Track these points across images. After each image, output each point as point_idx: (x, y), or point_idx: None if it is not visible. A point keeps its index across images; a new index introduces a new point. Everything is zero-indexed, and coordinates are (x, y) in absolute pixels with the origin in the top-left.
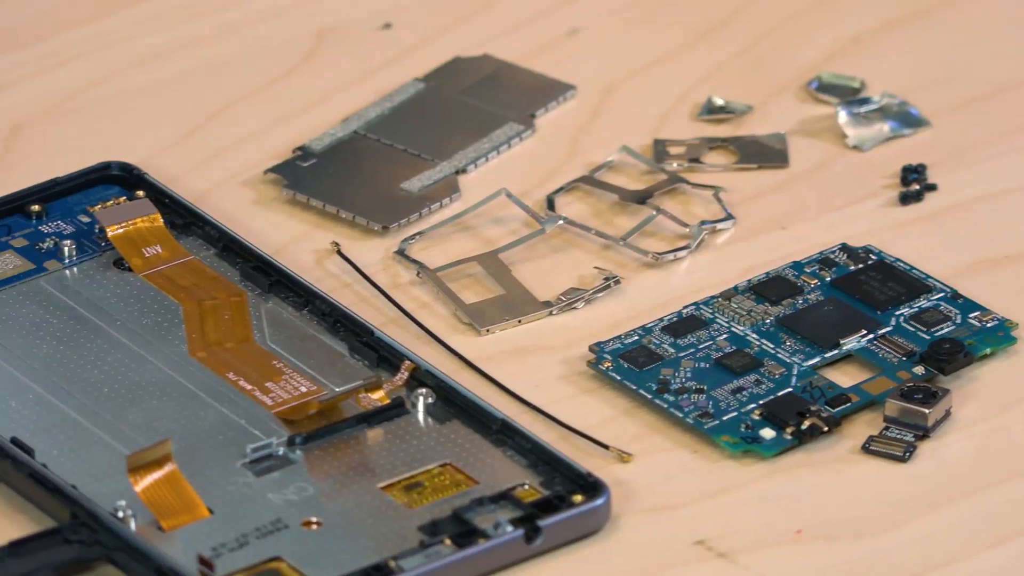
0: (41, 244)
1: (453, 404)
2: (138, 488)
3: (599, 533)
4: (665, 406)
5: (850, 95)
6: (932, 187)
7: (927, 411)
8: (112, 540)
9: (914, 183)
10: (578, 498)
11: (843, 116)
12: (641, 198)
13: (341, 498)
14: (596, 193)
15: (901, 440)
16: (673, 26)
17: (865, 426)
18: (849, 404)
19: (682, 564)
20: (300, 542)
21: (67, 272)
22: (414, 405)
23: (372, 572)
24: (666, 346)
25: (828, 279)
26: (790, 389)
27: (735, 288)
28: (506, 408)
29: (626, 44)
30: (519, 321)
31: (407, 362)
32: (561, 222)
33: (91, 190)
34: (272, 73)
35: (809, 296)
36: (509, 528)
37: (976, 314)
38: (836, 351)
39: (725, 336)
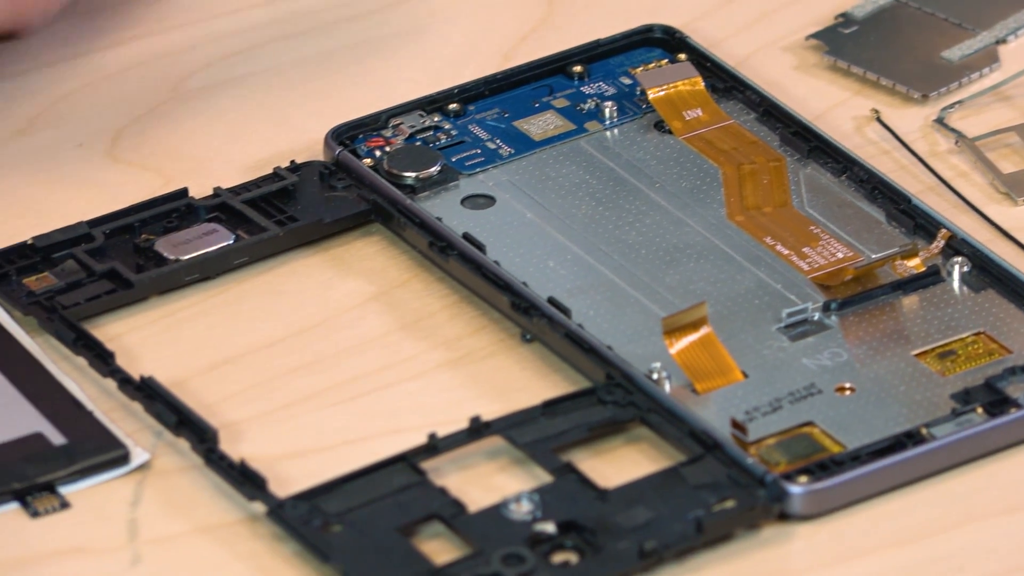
0: (582, 105)
1: (988, 273)
2: (673, 350)
3: None
4: None
5: None
6: None
7: None
8: (646, 402)
9: None
10: None
11: None
12: None
13: (875, 365)
14: None
15: None
16: None
17: None
18: None
19: None
20: (832, 408)
21: (607, 133)
22: (949, 273)
23: (903, 439)
24: None
25: None
26: None
27: None
28: None
29: None
30: None
31: (943, 230)
32: None
33: (633, 52)
34: None
35: None
36: None
37: None
38: None
39: None
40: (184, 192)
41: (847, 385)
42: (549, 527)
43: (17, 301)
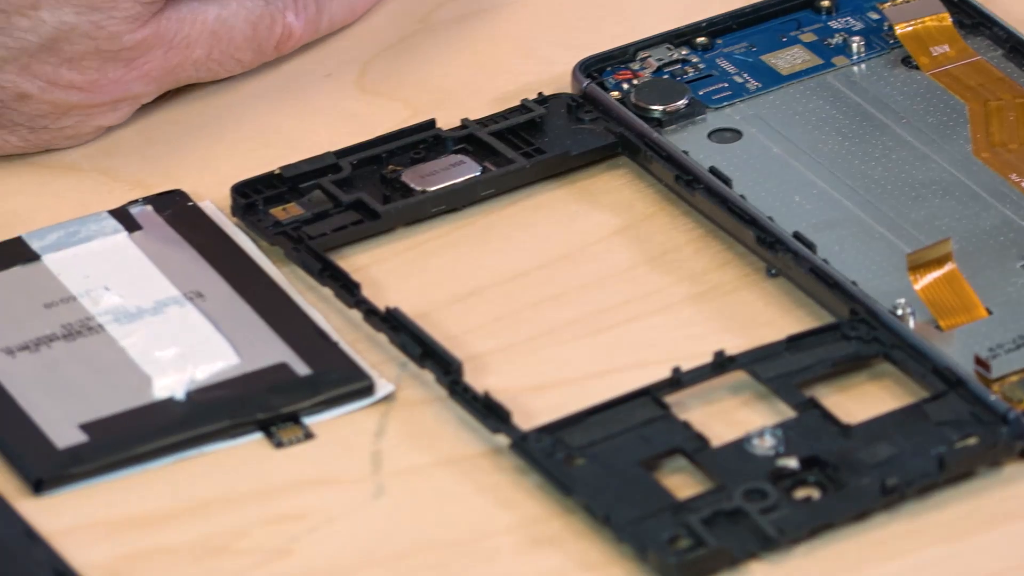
0: (830, 40)
1: None
2: (917, 286)
3: None
4: None
5: None
6: None
7: None
8: (890, 337)
9: None
10: None
11: None
12: None
13: None
14: None
15: None
16: None
17: None
18: None
19: None
20: None
21: (854, 68)
22: None
23: None
24: None
25: None
26: None
27: None
28: None
29: None
30: None
31: None
32: None
33: None
34: None
35: None
36: None
37: None
38: None
39: None
40: (431, 123)
41: None
42: (792, 462)
43: (264, 231)
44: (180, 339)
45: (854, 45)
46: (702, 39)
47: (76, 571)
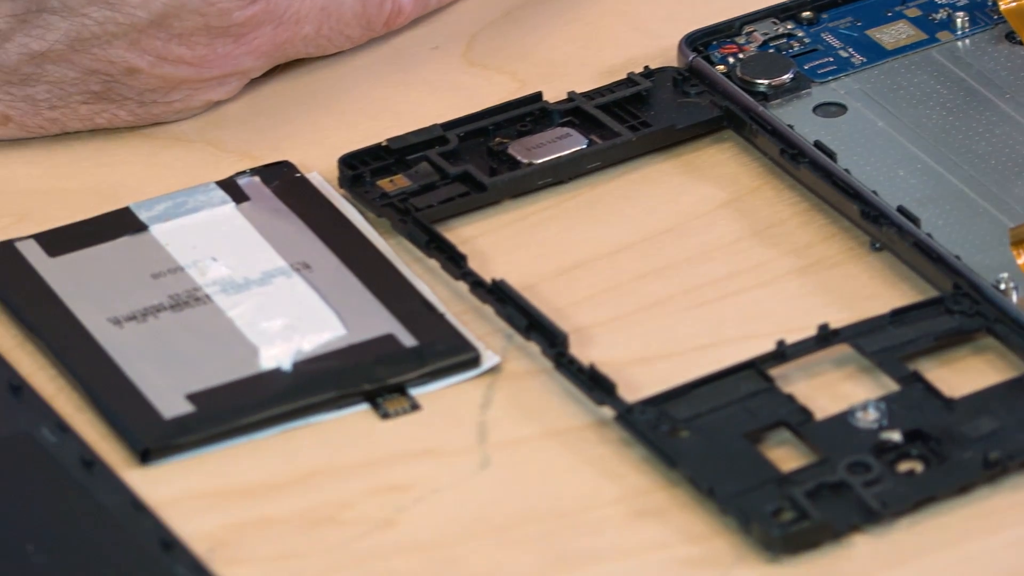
0: (934, 15)
1: None
2: (1021, 260)
3: None
4: None
5: None
6: None
7: None
8: (993, 312)
9: None
10: None
11: None
12: None
13: None
14: None
15: None
16: None
17: None
18: None
19: None
20: None
21: (958, 43)
22: None
23: None
24: None
25: None
26: None
27: None
28: None
29: None
30: None
31: None
32: None
33: None
34: None
35: None
36: None
37: None
38: None
39: None
40: (538, 96)
41: None
42: (895, 436)
43: (371, 202)
44: (287, 310)
45: (958, 20)
46: (807, 13)
47: (182, 541)
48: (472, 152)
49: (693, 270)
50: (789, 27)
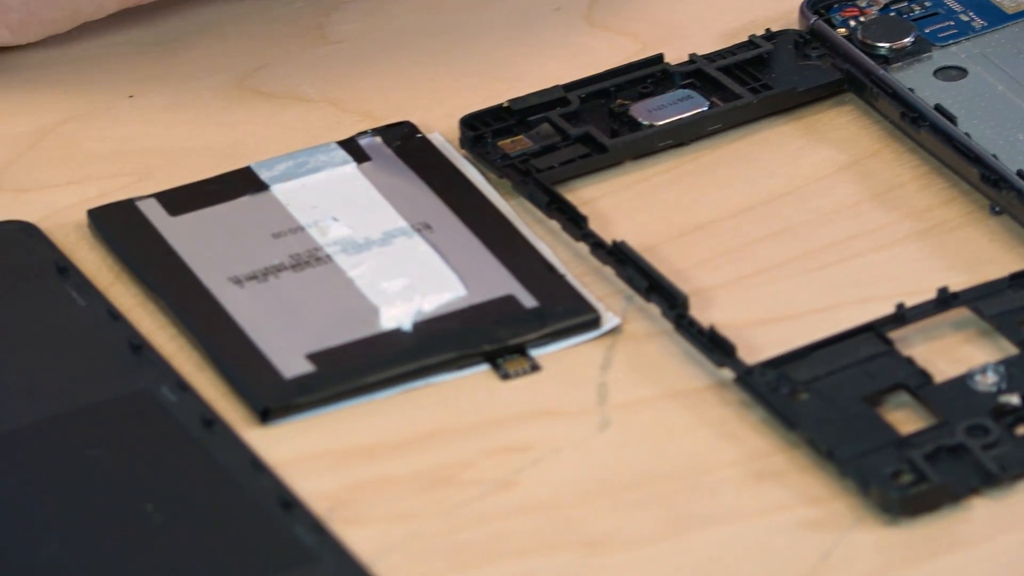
0: None
1: None
2: None
3: None
4: None
5: None
6: None
7: None
8: None
9: None
10: None
11: None
12: None
13: None
14: None
15: None
16: None
17: None
18: None
19: None
20: None
21: None
22: None
23: None
24: None
25: None
26: None
27: None
28: None
29: None
30: None
31: None
32: None
33: None
34: None
35: None
36: None
37: None
38: None
39: None
40: (660, 58)
41: None
42: (1014, 399)
43: (492, 163)
44: (408, 270)
45: None
46: None
47: (301, 500)
48: (593, 113)
49: (812, 233)
50: None
